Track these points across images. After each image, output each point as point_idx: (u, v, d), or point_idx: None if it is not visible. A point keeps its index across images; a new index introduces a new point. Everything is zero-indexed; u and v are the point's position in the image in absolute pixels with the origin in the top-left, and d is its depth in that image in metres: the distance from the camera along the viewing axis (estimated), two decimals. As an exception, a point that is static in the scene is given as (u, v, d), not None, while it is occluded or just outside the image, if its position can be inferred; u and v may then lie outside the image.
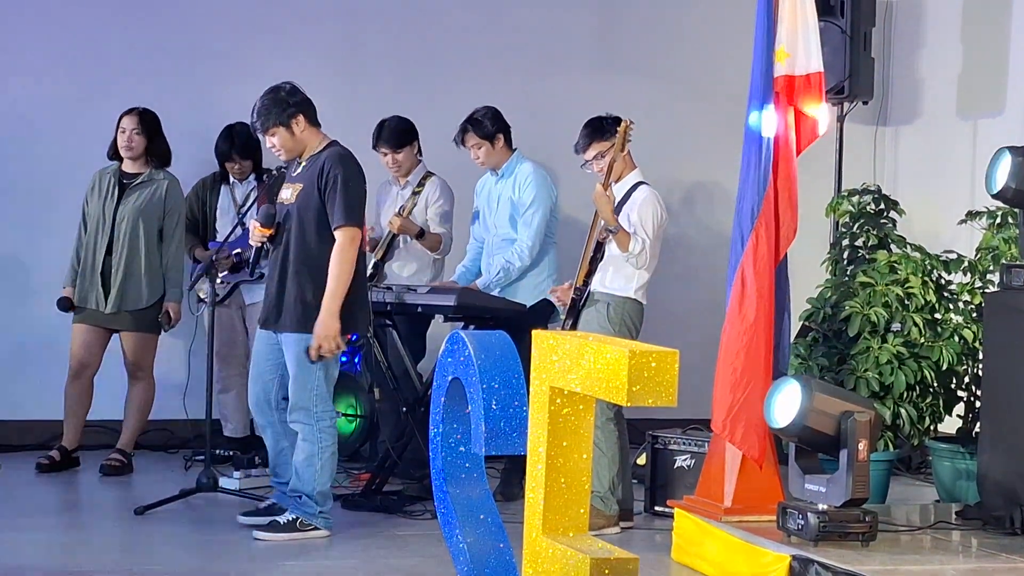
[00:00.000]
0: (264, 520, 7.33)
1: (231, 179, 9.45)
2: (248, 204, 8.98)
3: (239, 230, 9.04)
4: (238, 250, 9.24)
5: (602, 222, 7.52)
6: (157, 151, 8.97)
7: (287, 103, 7.26)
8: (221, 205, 9.44)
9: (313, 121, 7.35)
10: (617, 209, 7.57)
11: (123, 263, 8.84)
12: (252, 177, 9.44)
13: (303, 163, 7.37)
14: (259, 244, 7.42)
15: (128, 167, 8.98)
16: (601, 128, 7.74)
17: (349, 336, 7.43)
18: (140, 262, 8.86)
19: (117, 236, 8.87)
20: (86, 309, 8.88)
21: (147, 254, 8.88)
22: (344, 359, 8.86)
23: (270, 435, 7.47)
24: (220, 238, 9.19)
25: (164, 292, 8.93)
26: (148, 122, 8.95)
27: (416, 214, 8.94)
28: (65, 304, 8.95)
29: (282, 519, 7.28)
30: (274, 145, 7.34)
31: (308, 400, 7.23)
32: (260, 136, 7.48)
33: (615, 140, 7.60)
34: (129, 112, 8.96)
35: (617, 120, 7.73)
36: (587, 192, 7.64)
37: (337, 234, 7.15)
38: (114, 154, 9.00)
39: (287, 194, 7.37)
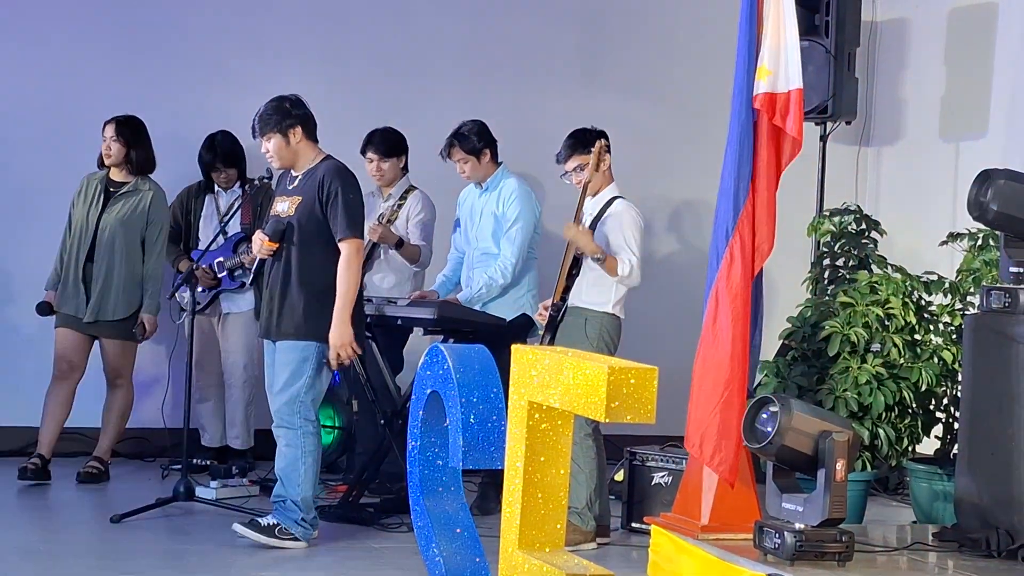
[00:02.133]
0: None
1: (216, 188, 9.43)
2: (231, 213, 8.97)
3: (220, 239, 9.04)
4: (220, 259, 9.23)
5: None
6: (137, 159, 8.93)
7: (288, 113, 7.41)
8: (205, 213, 9.42)
9: (311, 136, 7.48)
10: (593, 224, 7.57)
11: (103, 273, 8.81)
12: (237, 186, 9.43)
13: (298, 176, 7.43)
14: (266, 257, 7.43)
15: (115, 175, 8.97)
16: (584, 140, 7.74)
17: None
18: (119, 273, 8.82)
19: (98, 245, 8.84)
20: (66, 314, 8.85)
21: (127, 265, 8.84)
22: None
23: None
24: (202, 246, 9.18)
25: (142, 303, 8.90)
26: (128, 130, 8.91)
27: (398, 226, 8.94)
28: (44, 308, 8.92)
29: (263, 520, 7.32)
30: (268, 151, 7.46)
31: (292, 407, 7.31)
32: (257, 139, 7.53)
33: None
34: (111, 121, 8.94)
35: (602, 133, 7.73)
36: (570, 207, 7.63)
37: (342, 246, 7.30)
38: (102, 163, 8.99)
39: (283, 207, 7.43)
